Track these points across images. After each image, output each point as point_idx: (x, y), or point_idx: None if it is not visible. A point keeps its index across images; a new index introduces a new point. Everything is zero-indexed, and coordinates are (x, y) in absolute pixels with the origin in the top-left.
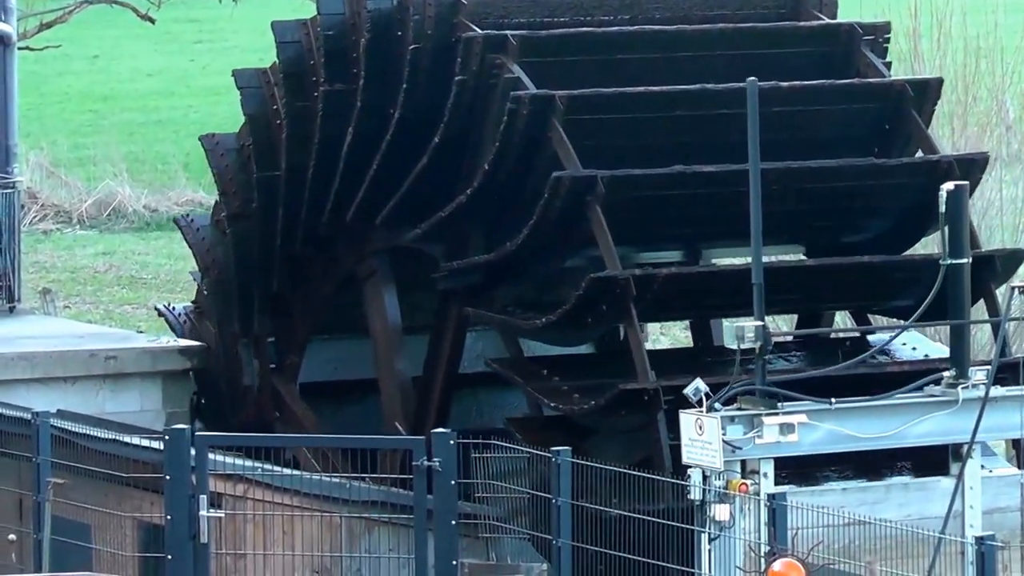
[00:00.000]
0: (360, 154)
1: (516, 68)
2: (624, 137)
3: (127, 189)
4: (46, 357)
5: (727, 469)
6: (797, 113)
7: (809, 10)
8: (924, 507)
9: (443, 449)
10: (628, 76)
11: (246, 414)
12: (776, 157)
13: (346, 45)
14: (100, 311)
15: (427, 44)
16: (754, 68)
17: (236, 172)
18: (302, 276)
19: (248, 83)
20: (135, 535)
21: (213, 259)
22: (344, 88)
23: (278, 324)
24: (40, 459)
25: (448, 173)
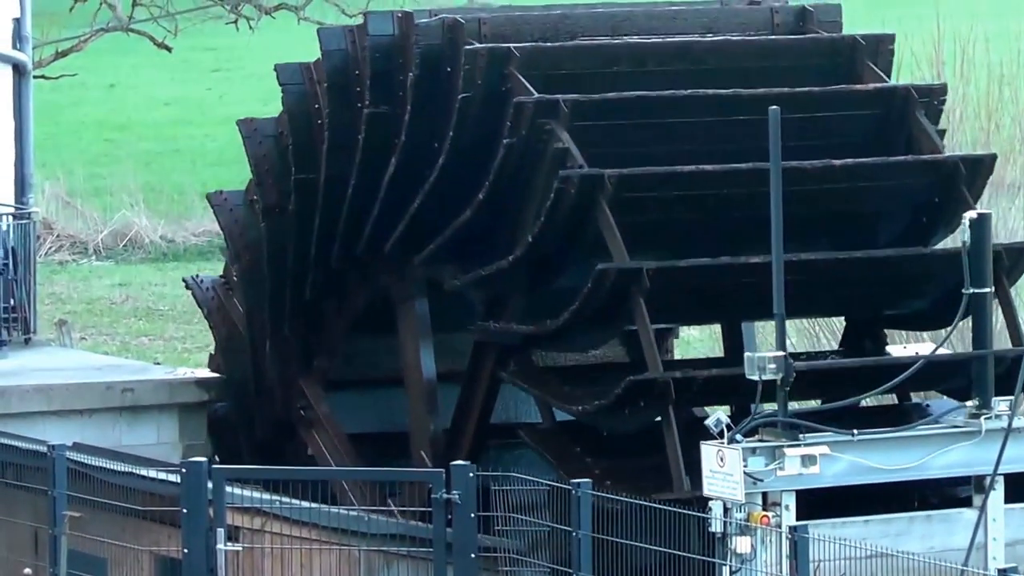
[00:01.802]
0: (402, 186)
1: (566, 137)
2: (674, 215)
3: (143, 219)
4: (62, 389)
5: (748, 501)
6: (847, 188)
7: (814, 27)
8: (947, 539)
9: (462, 482)
10: (682, 139)
11: (271, 409)
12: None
13: (392, 68)
14: (116, 343)
15: (477, 94)
16: (808, 132)
17: (274, 161)
18: (336, 287)
19: (291, 79)
20: (152, 569)
21: (246, 244)
22: (388, 112)
23: (309, 327)
24: (56, 492)
25: (490, 228)
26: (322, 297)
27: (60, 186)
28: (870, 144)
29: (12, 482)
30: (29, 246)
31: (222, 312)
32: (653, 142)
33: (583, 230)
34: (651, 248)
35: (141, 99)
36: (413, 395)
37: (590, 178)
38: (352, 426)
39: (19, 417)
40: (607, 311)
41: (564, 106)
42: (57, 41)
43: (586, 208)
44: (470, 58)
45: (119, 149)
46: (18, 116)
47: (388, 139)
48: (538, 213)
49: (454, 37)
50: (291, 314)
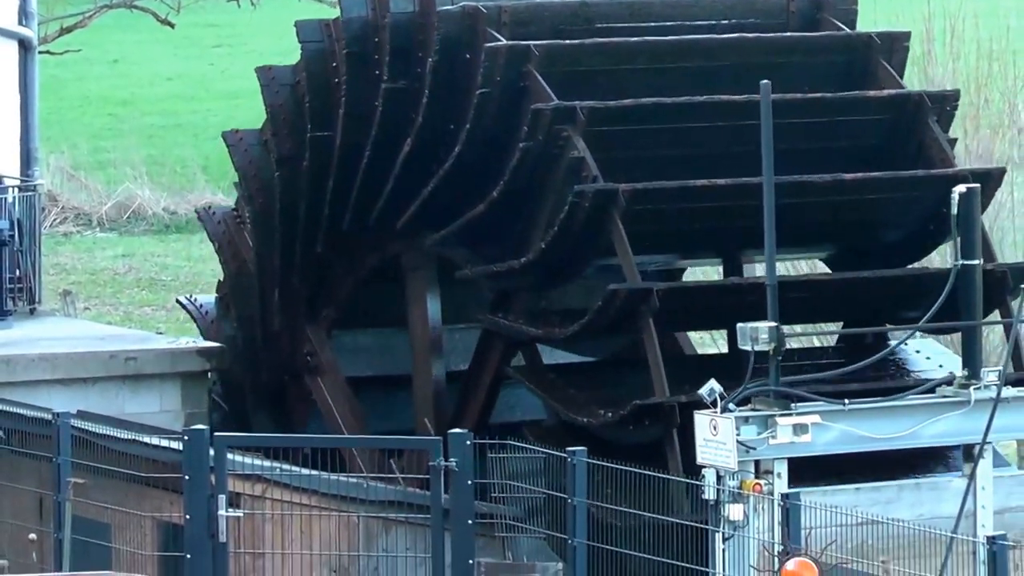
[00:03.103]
0: (417, 166)
1: (581, 145)
2: (686, 226)
3: (146, 192)
4: (67, 358)
5: (741, 469)
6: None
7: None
8: (936, 507)
9: (460, 449)
10: (697, 143)
11: (276, 352)
12: (795, 167)
13: (412, 45)
14: (120, 313)
15: (495, 90)
16: (820, 136)
17: (290, 111)
18: (346, 247)
19: (310, 37)
20: (154, 534)
21: (259, 186)
22: (406, 87)
23: (318, 280)
24: (61, 459)
25: (503, 224)
26: (332, 254)
27: (65, 159)
28: (881, 149)
29: (17, 449)
30: (34, 218)
31: (233, 247)
32: (668, 145)
33: (595, 241)
34: (662, 253)
35: (144, 74)
36: (418, 365)
37: (604, 193)
38: (355, 369)
39: (24, 385)
40: (616, 326)
41: (581, 113)
42: (62, 17)
43: (599, 222)
44: (490, 55)
45: (122, 123)
46: (23, 91)
47: (405, 114)
48: (551, 221)
49: (474, 25)
50: (301, 266)
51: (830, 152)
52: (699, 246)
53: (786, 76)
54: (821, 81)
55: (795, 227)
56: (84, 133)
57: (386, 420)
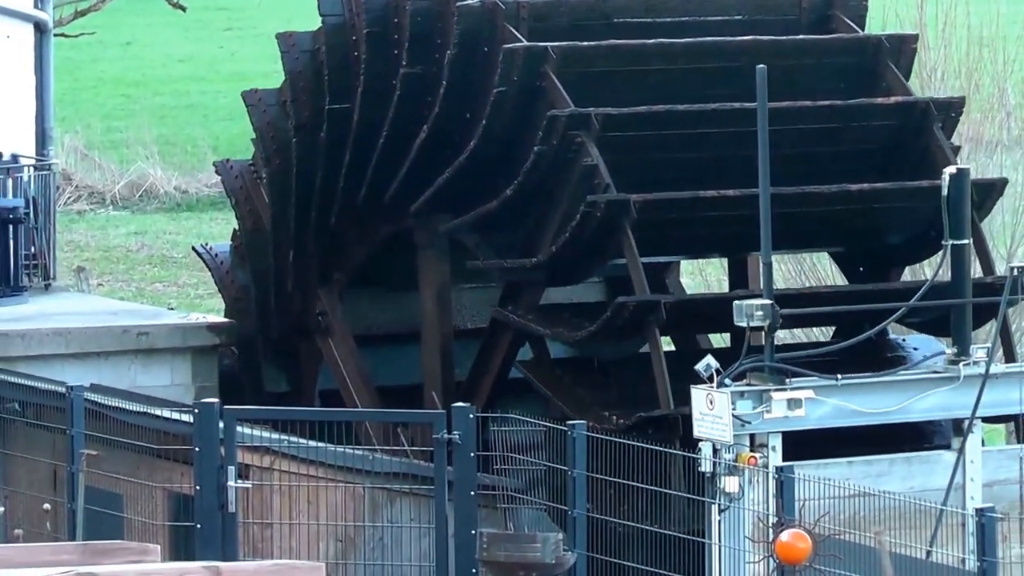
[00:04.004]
0: (432, 153)
1: (595, 152)
2: (695, 233)
3: (158, 171)
4: (80, 333)
5: (737, 443)
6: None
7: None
8: (926, 480)
9: (462, 423)
10: (709, 147)
11: (288, 310)
12: (803, 171)
13: (431, 32)
14: (132, 289)
15: (512, 89)
16: (828, 140)
17: (308, 78)
18: (361, 218)
19: (331, 10)
20: (165, 504)
21: (277, 148)
22: (424, 72)
23: (331, 246)
24: (74, 431)
25: (516, 219)
26: (346, 224)
27: (79, 139)
28: (887, 153)
29: (32, 421)
30: (49, 196)
31: (249, 203)
32: (680, 150)
33: (605, 249)
34: (669, 256)
35: (156, 56)
36: (428, 341)
37: (616, 204)
38: (364, 326)
39: (39, 359)
40: (623, 334)
41: (595, 120)
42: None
43: (610, 231)
44: (508, 56)
45: (135, 104)
46: (39, 72)
47: (422, 99)
48: (562, 225)
49: (493, 20)
50: (315, 232)
51: (838, 156)
52: (706, 250)
53: (797, 77)
54: (831, 82)
55: (801, 232)
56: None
57: (393, 373)
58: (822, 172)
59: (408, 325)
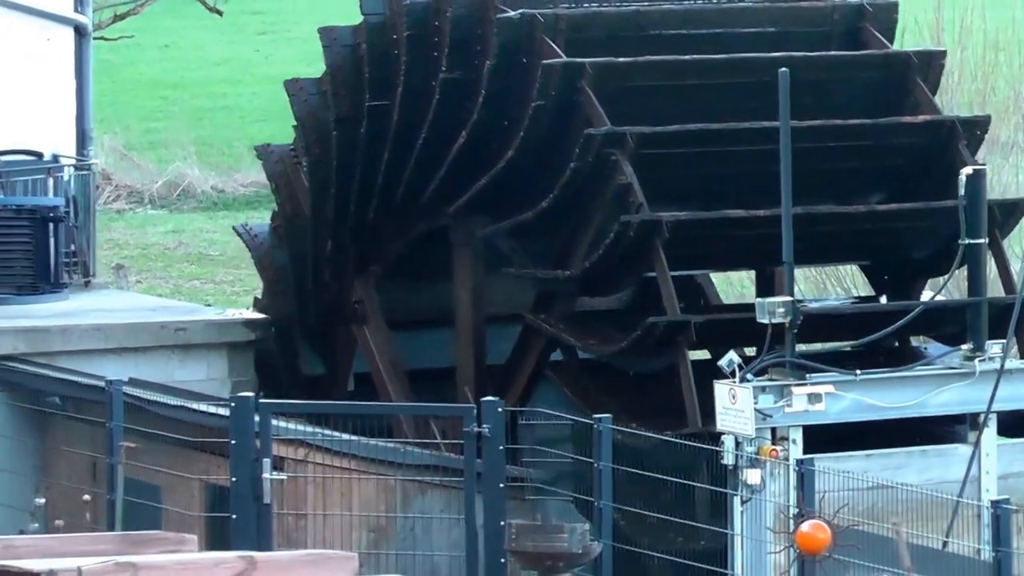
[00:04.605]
0: (470, 158)
1: (629, 171)
2: (725, 250)
3: (195, 171)
4: (119, 329)
5: (758, 436)
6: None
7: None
8: (943, 472)
9: (492, 416)
10: (740, 163)
11: (325, 297)
12: (833, 187)
13: (471, 39)
14: (170, 286)
15: (549, 104)
16: (857, 157)
17: (348, 72)
18: (398, 215)
19: (373, 9)
20: (202, 496)
21: (317, 137)
22: (462, 78)
23: (368, 239)
24: (113, 424)
25: (550, 230)
26: (383, 219)
27: (118, 140)
28: (912, 170)
29: (72, 415)
30: (89, 195)
31: (289, 188)
32: (713, 166)
33: (637, 266)
34: (699, 270)
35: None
36: (461, 337)
37: (649, 223)
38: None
39: (79, 354)
40: (653, 352)
41: (630, 139)
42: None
43: (643, 249)
44: (546, 71)
45: (173, 105)
46: (79, 75)
47: (460, 103)
48: (596, 240)
49: (532, 32)
50: (353, 224)
51: (865, 172)
52: (736, 265)
53: (828, 92)
54: (860, 97)
55: (829, 248)
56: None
57: (424, 356)
58: (850, 188)
59: (439, 311)
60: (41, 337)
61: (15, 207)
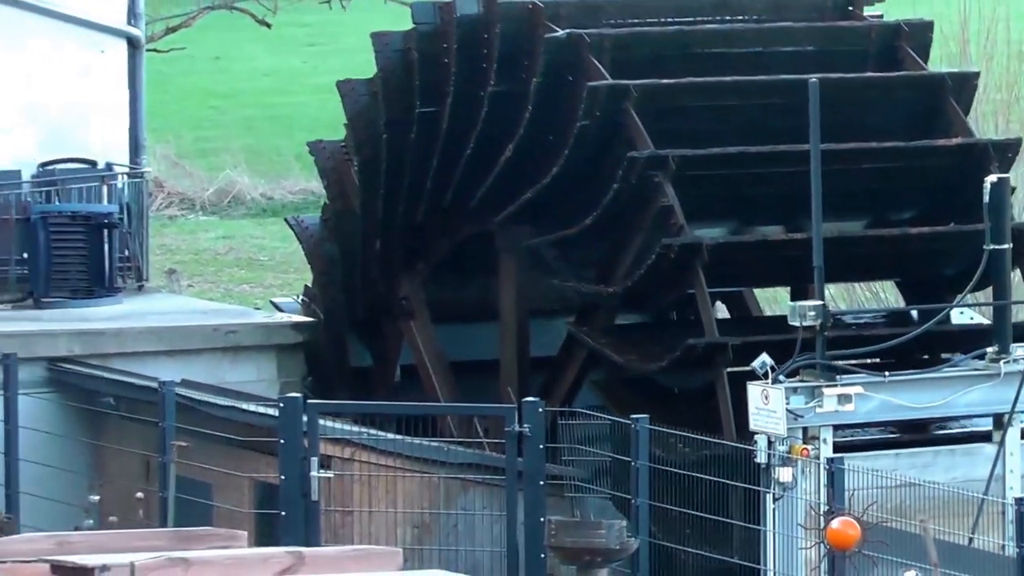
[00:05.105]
0: (516, 170)
1: (671, 192)
2: (763, 269)
3: (245, 179)
4: (172, 331)
5: (790, 435)
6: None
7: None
8: (969, 471)
9: (532, 416)
10: (779, 184)
11: (372, 293)
12: (869, 206)
13: (518, 54)
14: (220, 290)
15: (594, 124)
16: (893, 177)
17: (400, 76)
18: (445, 218)
19: (424, 18)
20: (252, 493)
21: (368, 137)
22: (510, 92)
23: (416, 239)
24: (166, 424)
25: (593, 244)
26: (431, 220)
27: (169, 148)
28: (945, 191)
29: (126, 415)
30: (142, 202)
31: (339, 185)
32: (752, 186)
33: (677, 287)
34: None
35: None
36: (505, 340)
37: (690, 247)
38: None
39: (133, 356)
40: (692, 371)
41: (672, 161)
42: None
43: (683, 271)
44: (591, 93)
45: (223, 115)
46: (132, 85)
47: (507, 115)
48: (637, 259)
49: (578, 51)
50: (402, 225)
51: (900, 191)
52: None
53: (865, 111)
54: (895, 117)
55: (863, 268)
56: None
57: (467, 348)
58: (883, 205)
59: (483, 305)
60: (96, 340)
61: (70, 214)
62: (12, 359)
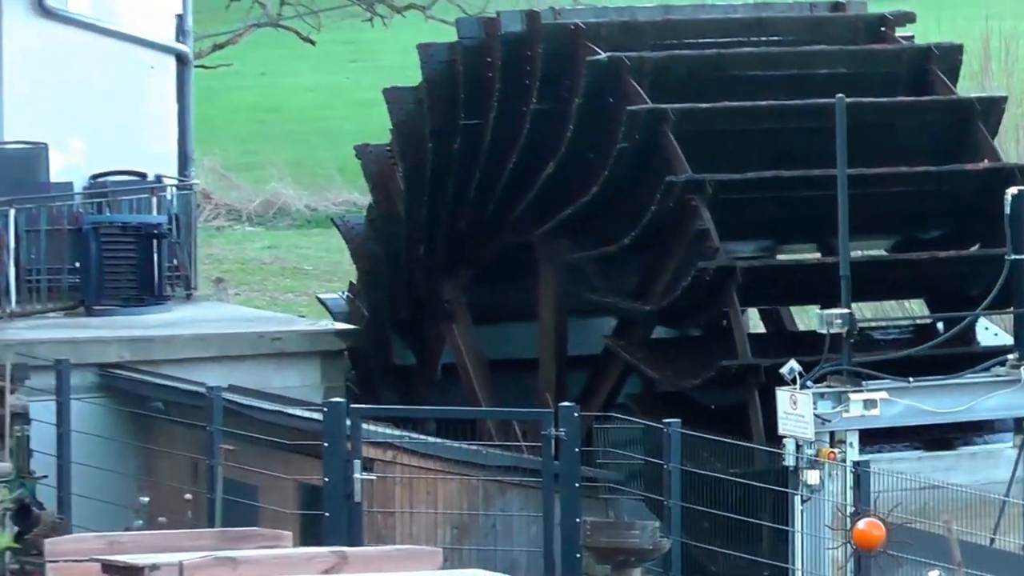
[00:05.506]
0: (556, 186)
1: (707, 216)
2: (796, 292)
3: (290, 190)
4: (219, 338)
5: (817, 439)
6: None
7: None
8: (991, 473)
9: (568, 421)
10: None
11: (417, 295)
12: (901, 225)
13: (560, 73)
14: (266, 298)
15: (633, 147)
16: (922, 200)
17: (443, 86)
18: (487, 228)
19: (469, 32)
20: (296, 495)
21: (414, 146)
22: (551, 110)
23: (459, 246)
24: (213, 428)
25: (631, 260)
26: (473, 229)
27: (217, 161)
28: (973, 213)
29: (175, 419)
30: (190, 213)
31: (384, 189)
32: (786, 209)
33: (712, 307)
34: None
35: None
36: (544, 348)
37: (725, 269)
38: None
39: (181, 362)
40: (725, 391)
41: (708, 186)
42: (215, 35)
43: (718, 293)
44: (631, 117)
45: (268, 129)
46: (181, 100)
47: (549, 132)
48: (674, 281)
49: (619, 74)
50: (445, 233)
51: (928, 212)
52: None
53: (896, 134)
54: (924, 139)
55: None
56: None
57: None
58: (912, 225)
59: (523, 306)
60: (146, 346)
61: (121, 224)
62: (64, 365)
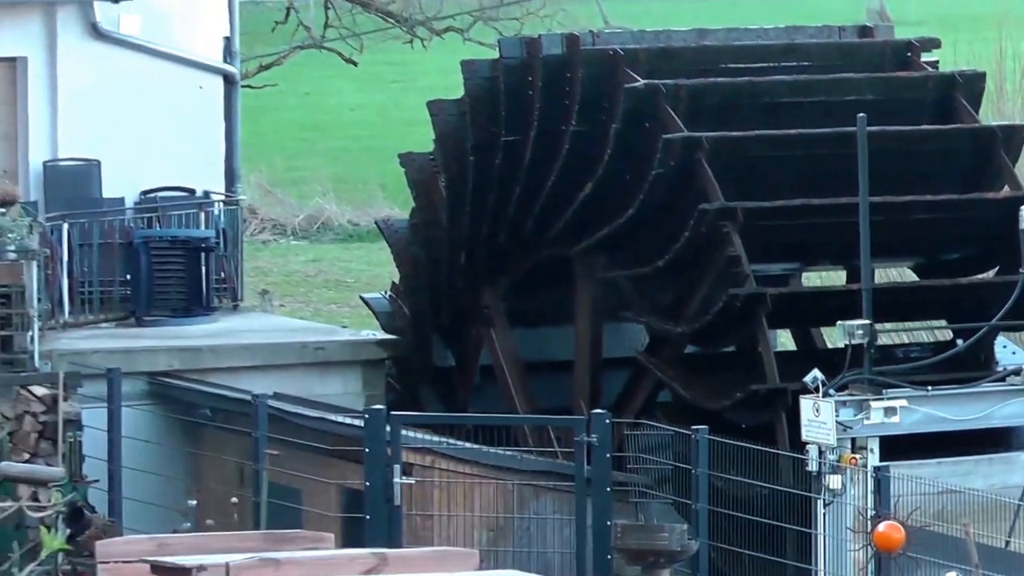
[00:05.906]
0: (593, 206)
1: (738, 243)
2: (819, 313)
3: (333, 206)
4: (264, 348)
5: (839, 445)
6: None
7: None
8: (1006, 478)
9: (600, 427)
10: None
11: (457, 301)
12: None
13: (598, 97)
14: (310, 309)
15: (668, 172)
16: (945, 227)
17: (486, 101)
18: (527, 241)
19: (510, 52)
20: (338, 498)
21: (456, 156)
22: (590, 133)
23: (499, 257)
24: (259, 434)
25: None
26: (513, 241)
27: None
28: (993, 238)
29: (222, 425)
30: (237, 227)
31: (427, 196)
32: (815, 235)
33: (742, 331)
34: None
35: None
36: (579, 359)
37: (754, 296)
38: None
39: (228, 371)
40: (754, 412)
41: (740, 213)
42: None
43: (747, 318)
44: (666, 144)
45: (312, 146)
46: (228, 119)
47: (587, 152)
48: (705, 304)
49: (655, 100)
50: (486, 243)
51: (951, 237)
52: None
53: (920, 160)
54: (948, 165)
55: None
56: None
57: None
58: (935, 249)
59: (559, 311)
60: (194, 355)
61: (170, 238)
62: (115, 373)
